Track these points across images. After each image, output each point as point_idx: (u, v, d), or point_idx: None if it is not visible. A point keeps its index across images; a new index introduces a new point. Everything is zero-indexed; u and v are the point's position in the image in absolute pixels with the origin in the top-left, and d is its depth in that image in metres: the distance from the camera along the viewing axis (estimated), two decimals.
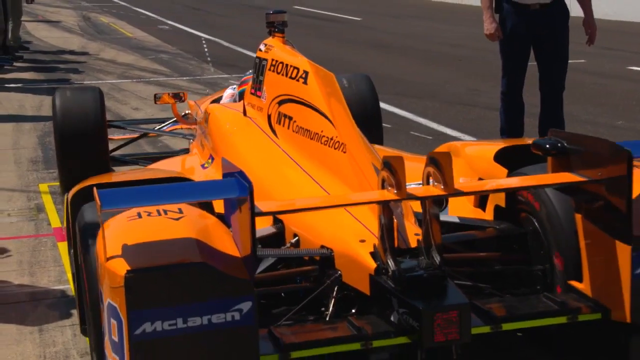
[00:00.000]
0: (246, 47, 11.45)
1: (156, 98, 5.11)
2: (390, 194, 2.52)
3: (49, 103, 7.79)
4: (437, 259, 2.53)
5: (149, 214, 2.43)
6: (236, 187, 2.30)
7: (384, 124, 5.28)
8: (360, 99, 4.69)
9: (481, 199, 3.18)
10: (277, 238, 3.04)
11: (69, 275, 3.90)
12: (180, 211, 2.44)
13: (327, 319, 2.71)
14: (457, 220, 3.11)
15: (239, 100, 4.28)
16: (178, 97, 5.02)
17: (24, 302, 3.66)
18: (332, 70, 3.55)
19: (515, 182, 2.90)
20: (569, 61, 5.47)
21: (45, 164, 5.92)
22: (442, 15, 16.65)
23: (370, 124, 4.55)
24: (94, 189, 2.29)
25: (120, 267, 2.18)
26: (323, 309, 2.78)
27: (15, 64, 10.62)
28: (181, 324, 2.19)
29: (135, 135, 5.57)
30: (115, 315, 2.21)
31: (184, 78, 9.63)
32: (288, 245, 3.00)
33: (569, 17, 5.40)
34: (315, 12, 17.68)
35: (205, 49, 11.91)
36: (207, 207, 2.73)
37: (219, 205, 2.68)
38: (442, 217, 2.73)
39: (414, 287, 2.45)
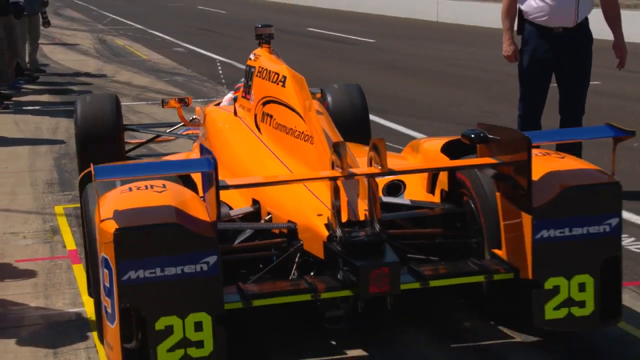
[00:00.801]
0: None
1: (163, 103, 5.79)
2: (336, 173, 3.20)
3: (65, 125, 7.92)
4: (377, 227, 3.15)
5: (138, 188, 3.05)
6: (205, 164, 2.93)
7: (397, 146, 5.88)
8: (352, 105, 5.45)
9: (431, 186, 3.80)
10: (255, 215, 3.70)
11: (84, 298, 3.91)
12: (164, 186, 3.07)
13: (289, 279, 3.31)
14: (409, 202, 3.77)
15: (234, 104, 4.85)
16: (183, 101, 5.65)
17: (38, 324, 3.67)
18: None
19: (437, 164, 3.68)
20: None
21: (61, 186, 5.95)
22: (457, 37, 16.67)
23: (360, 125, 5.43)
24: (91, 164, 2.86)
25: (111, 227, 2.79)
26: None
27: (31, 86, 10.72)
28: (159, 272, 2.82)
29: (149, 137, 6.17)
30: (107, 265, 2.83)
31: (199, 100, 9.65)
32: (263, 221, 3.63)
33: (592, 41, 5.39)
34: (328, 34, 17.75)
35: (220, 71, 11.97)
36: (193, 188, 3.36)
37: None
38: (398, 200, 3.74)
39: (356, 250, 3.06)
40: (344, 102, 5.40)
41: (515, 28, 5.46)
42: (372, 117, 8.40)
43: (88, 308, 3.82)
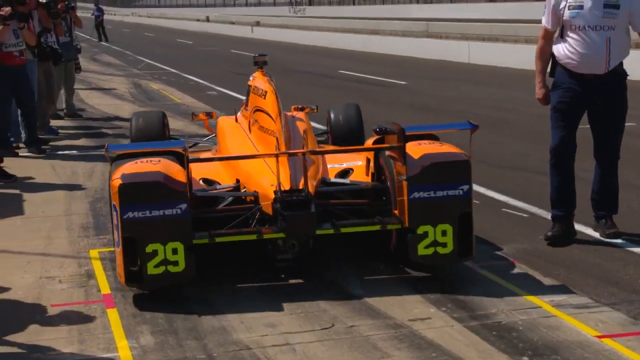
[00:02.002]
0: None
1: (194, 115, 7.67)
2: (276, 152, 4.83)
3: (101, 169, 8.07)
4: (306, 192, 4.61)
5: (141, 161, 4.54)
6: (178, 144, 4.94)
7: None
8: (348, 118, 6.84)
9: (367, 171, 5.26)
10: (237, 189, 5.08)
11: (118, 344, 3.94)
12: (159, 161, 4.55)
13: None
14: (348, 181, 5.31)
15: None
16: (209, 115, 7.34)
17: None
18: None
19: (350, 148, 5.82)
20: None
21: (96, 230, 6.03)
22: (488, 78, 16.69)
23: (354, 133, 6.75)
24: (106, 144, 4.69)
25: (117, 183, 4.35)
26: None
27: (68, 130, 10.91)
28: (148, 213, 4.31)
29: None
30: (115, 209, 4.39)
31: None
32: (243, 193, 5.04)
33: (626, 85, 5.34)
34: (360, 76, 17.87)
35: None
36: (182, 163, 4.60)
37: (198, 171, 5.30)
38: (341, 180, 5.29)
39: (289, 207, 4.54)
40: (342, 116, 6.89)
41: (549, 70, 5.46)
42: None
43: (122, 353, 3.86)
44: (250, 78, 6.36)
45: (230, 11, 74.61)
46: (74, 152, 9.40)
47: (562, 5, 5.23)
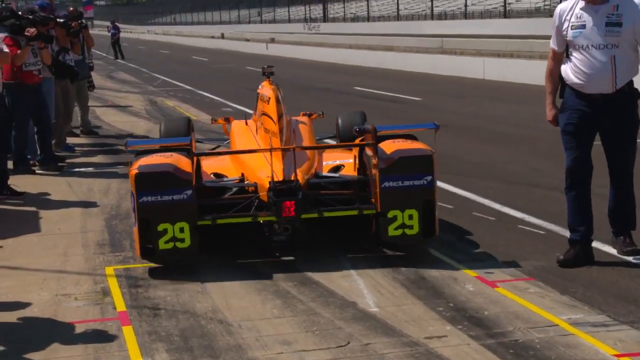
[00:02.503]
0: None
1: (213, 119, 8.57)
2: (267, 148, 5.75)
3: (116, 186, 8.13)
4: (296, 182, 5.44)
5: (157, 155, 5.45)
6: (185, 140, 5.93)
7: (445, 205, 6.94)
8: (354, 125, 7.08)
9: (355, 167, 6.09)
10: (242, 182, 5.90)
11: None
12: (171, 155, 5.45)
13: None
14: (337, 175, 6.11)
15: None
16: (227, 120, 8.05)
17: None
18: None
19: (332, 144, 6.83)
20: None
21: (112, 247, 6.04)
22: (503, 94, 16.66)
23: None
24: (127, 140, 6.16)
25: (134, 172, 5.20)
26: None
27: (84, 148, 10.97)
28: (159, 198, 5.17)
29: (211, 147, 8.36)
30: (132, 195, 5.27)
31: None
32: (245, 184, 5.87)
33: (637, 104, 5.26)
34: (375, 92, 17.89)
35: None
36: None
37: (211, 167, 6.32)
38: (331, 174, 6.08)
39: (279, 194, 5.36)
40: (349, 121, 7.53)
41: (559, 91, 5.43)
42: None
43: None
44: (259, 87, 7.34)
45: (245, 28, 74.97)
46: (90, 169, 9.44)
47: (565, 26, 5.18)
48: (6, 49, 8.29)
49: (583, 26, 5.11)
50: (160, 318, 4.55)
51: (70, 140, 11.09)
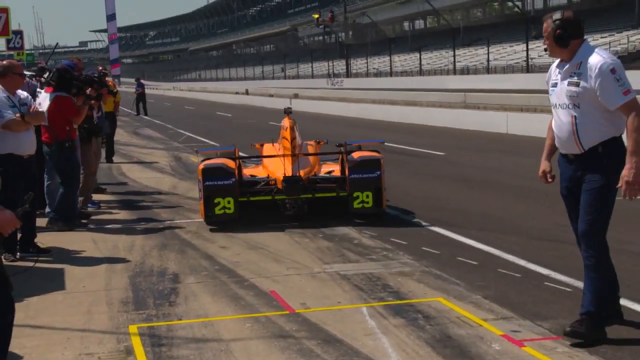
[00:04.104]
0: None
1: (251, 145, 11.89)
2: (281, 154, 9.75)
3: (141, 243, 8.17)
4: (299, 177, 9.01)
5: (215, 158, 9.40)
6: (231, 148, 10.21)
7: (470, 261, 7.11)
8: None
9: (342, 166, 9.67)
10: (268, 179, 9.52)
11: None
12: (223, 158, 9.38)
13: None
14: (327, 175, 9.80)
15: None
16: (261, 145, 11.38)
17: None
18: (415, 208, 9.21)
19: (324, 152, 10.66)
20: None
21: (136, 305, 6.04)
22: (527, 149, 16.62)
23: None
24: (197, 148, 12.39)
25: (201, 167, 9.04)
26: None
27: (109, 204, 11.06)
28: (216, 182, 8.90)
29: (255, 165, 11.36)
30: (199, 181, 9.06)
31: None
32: (270, 180, 9.46)
33: (613, 168, 4.81)
34: (398, 147, 17.94)
35: None
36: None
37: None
38: (325, 175, 9.86)
39: (288, 182, 8.93)
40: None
41: None
42: (440, 231, 8.40)
43: None
44: (281, 121, 10.59)
45: (269, 84, 75.80)
46: (116, 225, 9.49)
47: (549, 84, 5.11)
48: (41, 108, 8.52)
49: (555, 84, 5.01)
50: None
51: (95, 196, 11.19)
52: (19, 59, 23.93)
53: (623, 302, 5.36)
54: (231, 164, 9.04)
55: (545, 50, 5.07)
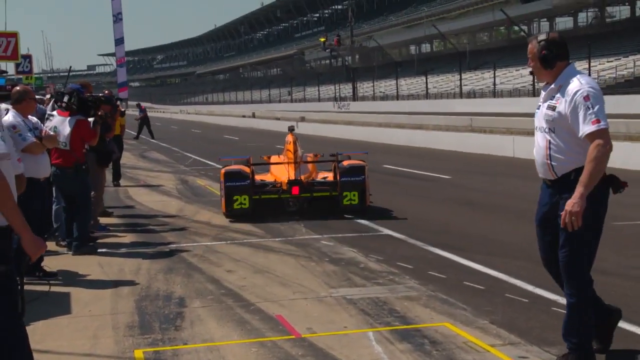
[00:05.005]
0: (333, 215, 11.61)
1: (260, 157, 13.61)
2: (285, 162, 12.27)
3: (147, 266, 8.16)
4: (300, 180, 11.67)
5: (233, 165, 12.16)
6: (245, 157, 12.90)
7: (477, 285, 7.08)
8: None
9: (334, 172, 12.09)
10: (275, 182, 12.07)
11: None
12: (240, 164, 12.09)
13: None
14: (323, 180, 12.18)
15: None
16: (269, 157, 13.38)
17: None
18: (421, 231, 8.38)
19: (320, 160, 13.17)
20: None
21: (141, 329, 6.03)
22: (533, 172, 16.57)
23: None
24: (219, 157, 16.02)
25: (223, 171, 11.65)
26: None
27: (116, 228, 11.07)
28: (235, 183, 11.42)
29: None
30: (221, 182, 11.60)
31: (277, 239, 9.80)
32: (277, 183, 12.00)
33: (591, 194, 4.59)
34: (404, 170, 17.95)
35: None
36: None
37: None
38: (322, 180, 12.29)
39: (290, 184, 11.60)
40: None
41: None
42: (446, 254, 8.37)
43: None
44: (286, 137, 12.60)
45: (276, 107, 76.00)
46: (122, 249, 9.50)
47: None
48: (62, 132, 8.71)
49: (538, 107, 4.95)
50: None
51: (102, 220, 11.21)
52: (28, 83, 24.10)
53: (630, 328, 5.33)
54: (246, 169, 11.56)
55: (531, 73, 4.99)
